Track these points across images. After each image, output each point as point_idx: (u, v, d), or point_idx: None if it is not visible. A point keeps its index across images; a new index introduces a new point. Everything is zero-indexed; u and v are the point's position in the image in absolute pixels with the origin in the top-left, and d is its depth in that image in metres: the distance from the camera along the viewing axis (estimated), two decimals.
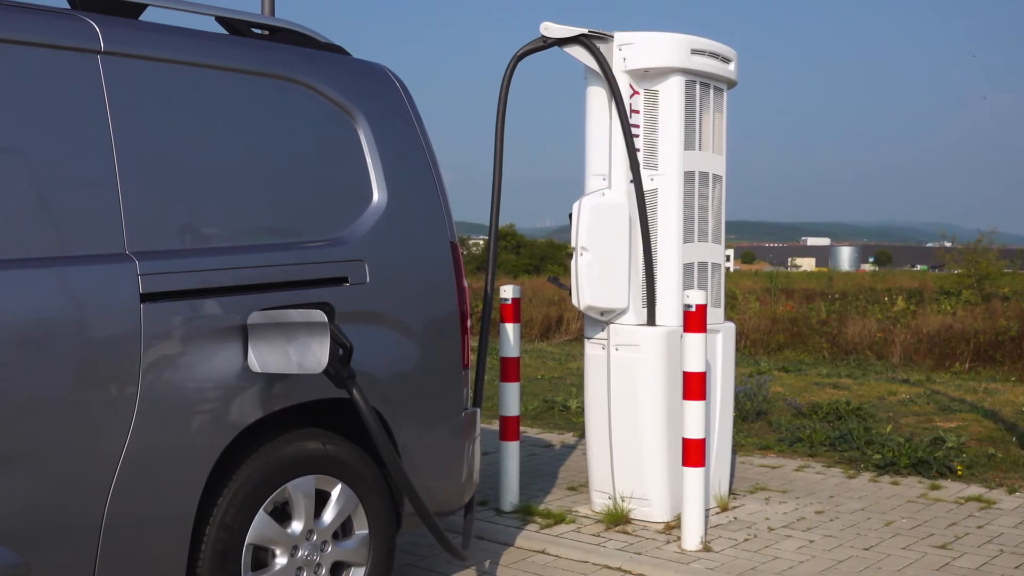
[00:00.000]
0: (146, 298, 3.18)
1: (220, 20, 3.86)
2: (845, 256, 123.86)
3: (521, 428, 6.02)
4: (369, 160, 3.95)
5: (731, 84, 5.76)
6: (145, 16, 3.59)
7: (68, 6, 3.44)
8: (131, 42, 3.35)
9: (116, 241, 3.18)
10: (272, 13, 9.70)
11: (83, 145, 3.17)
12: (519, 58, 5.46)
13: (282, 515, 3.58)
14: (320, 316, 3.34)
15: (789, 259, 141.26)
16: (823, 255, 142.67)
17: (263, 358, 3.41)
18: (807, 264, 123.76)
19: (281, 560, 3.55)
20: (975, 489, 6.22)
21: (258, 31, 3.94)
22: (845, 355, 14.16)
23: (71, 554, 3.05)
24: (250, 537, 3.45)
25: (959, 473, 6.52)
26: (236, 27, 3.87)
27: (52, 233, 3.07)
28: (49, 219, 3.07)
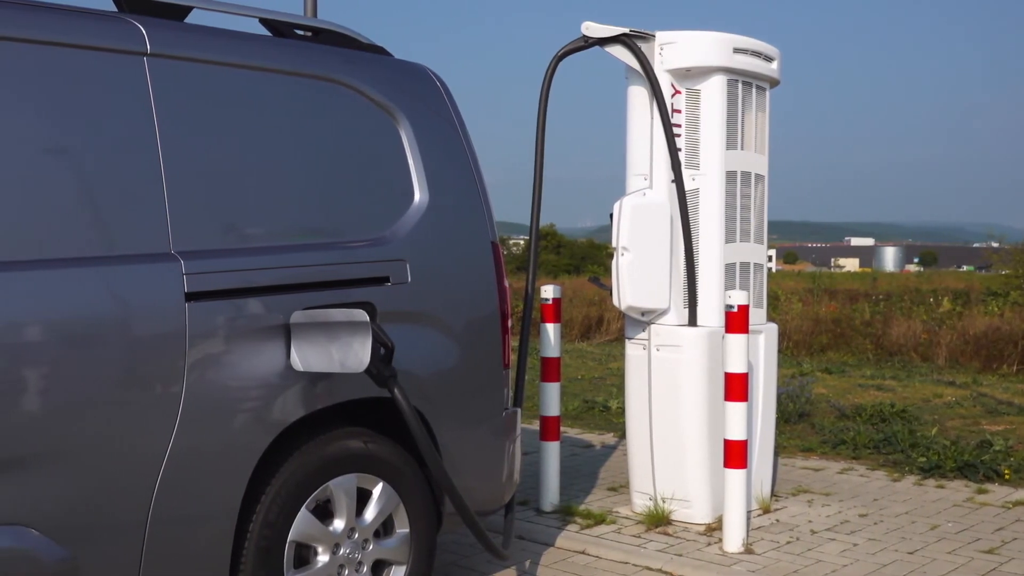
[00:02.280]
0: (191, 297, 3.22)
1: (263, 22, 3.90)
2: (889, 256, 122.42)
3: (561, 428, 6.01)
4: (411, 160, 3.96)
5: (774, 83, 5.71)
6: (190, 18, 3.63)
7: (115, 9, 3.49)
8: (176, 44, 3.39)
9: (162, 240, 3.22)
10: (315, 14, 9.78)
11: (129, 146, 3.21)
12: (560, 58, 5.46)
13: (324, 513, 3.60)
14: (362, 315, 3.36)
15: (832, 259, 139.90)
16: (867, 255, 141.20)
17: (306, 357, 3.43)
18: (851, 264, 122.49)
19: (323, 558, 3.57)
20: (1023, 493, 6.12)
21: (301, 32, 3.97)
22: (889, 357, 13.99)
23: (118, 550, 3.09)
24: (292, 534, 3.48)
25: (1006, 477, 6.42)
26: (279, 29, 3.91)
27: (99, 232, 3.12)
28: (96, 219, 3.12)
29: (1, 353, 2.87)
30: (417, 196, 3.96)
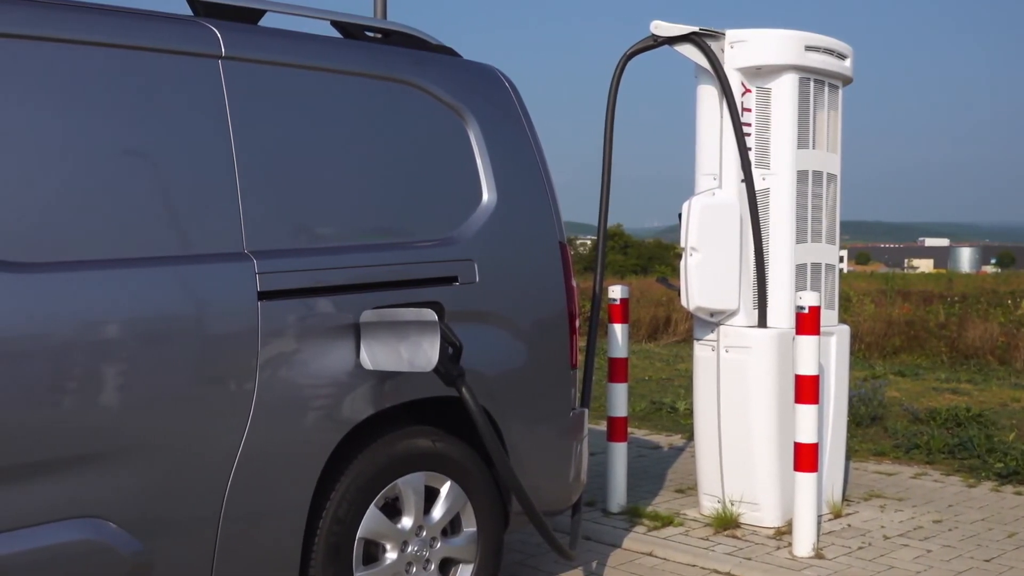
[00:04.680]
0: (263, 296, 3.27)
1: (335, 24, 3.95)
2: (965, 257, 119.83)
3: (629, 429, 5.99)
4: (479, 160, 3.98)
5: (846, 81, 5.63)
6: (263, 21, 3.69)
7: (191, 13, 3.56)
8: (250, 47, 3.44)
9: (235, 240, 3.27)
10: (384, 16, 9.87)
11: (205, 146, 3.27)
12: (629, 57, 5.44)
13: (392, 511, 3.64)
14: (431, 315, 3.38)
15: (906, 260, 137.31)
16: (942, 256, 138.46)
17: (375, 356, 3.47)
18: (925, 265, 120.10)
19: (391, 555, 3.60)
20: None
21: (371, 34, 4.01)
22: (965, 359, 13.69)
23: (191, 544, 3.15)
24: (361, 531, 3.52)
25: None
26: (350, 31, 3.95)
27: (175, 232, 3.18)
28: (172, 219, 3.18)
29: (81, 350, 2.94)
30: (485, 196, 3.97)
